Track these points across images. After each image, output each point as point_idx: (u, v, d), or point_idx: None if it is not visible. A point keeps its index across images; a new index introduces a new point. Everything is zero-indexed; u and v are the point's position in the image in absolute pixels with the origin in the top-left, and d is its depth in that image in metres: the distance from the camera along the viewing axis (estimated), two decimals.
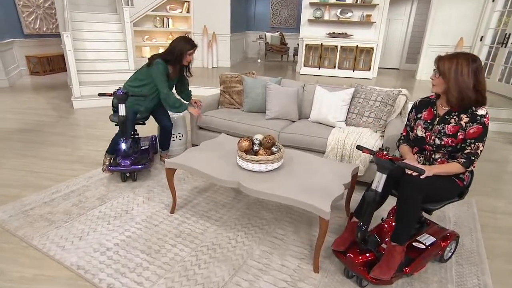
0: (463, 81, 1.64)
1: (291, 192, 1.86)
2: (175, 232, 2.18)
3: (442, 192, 1.76)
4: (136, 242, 2.05)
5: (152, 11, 7.06)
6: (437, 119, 1.81)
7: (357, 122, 2.96)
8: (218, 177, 2.03)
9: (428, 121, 1.85)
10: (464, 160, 1.68)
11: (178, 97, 3.06)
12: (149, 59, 2.85)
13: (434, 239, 1.94)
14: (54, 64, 7.80)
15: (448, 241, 1.94)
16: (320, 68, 7.37)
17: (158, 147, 3.27)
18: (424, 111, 1.88)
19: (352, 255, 1.74)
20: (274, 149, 2.13)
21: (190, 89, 3.22)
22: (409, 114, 1.98)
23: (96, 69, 5.65)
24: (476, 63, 1.64)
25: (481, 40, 6.74)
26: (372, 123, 2.88)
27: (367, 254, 1.76)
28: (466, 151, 1.69)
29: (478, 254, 2.08)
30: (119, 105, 2.61)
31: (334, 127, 2.99)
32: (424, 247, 1.89)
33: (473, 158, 1.67)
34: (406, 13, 8.80)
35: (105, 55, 5.84)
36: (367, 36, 7.18)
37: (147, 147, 3.14)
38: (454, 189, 1.79)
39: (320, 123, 3.13)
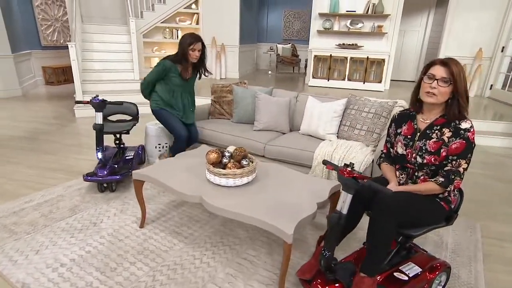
0: (466, 86, 1.48)
1: (254, 211, 1.69)
2: (138, 248, 2.03)
3: (424, 216, 1.53)
4: (94, 259, 1.92)
5: (161, 22, 7.15)
6: (418, 134, 1.59)
7: (349, 135, 2.74)
8: (181, 191, 1.88)
9: (409, 136, 1.63)
10: (442, 180, 1.45)
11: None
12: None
13: (420, 269, 1.69)
14: (68, 74, 8.02)
15: (437, 273, 1.69)
16: (330, 80, 7.17)
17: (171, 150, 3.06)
18: (404, 125, 1.67)
19: (315, 284, 1.53)
20: (244, 162, 1.97)
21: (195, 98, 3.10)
22: (388, 129, 1.77)
23: (102, 79, 5.74)
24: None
25: (502, 50, 6.34)
26: (364, 136, 2.66)
27: (336, 285, 1.54)
28: (446, 168, 1.46)
29: None
30: (96, 113, 2.54)
31: (324, 140, 2.79)
32: (406, 278, 1.65)
33: (453, 177, 1.44)
34: (422, 24, 8.48)
35: (111, 65, 5.93)
36: (378, 47, 6.93)
37: (131, 157, 3.05)
38: (438, 213, 1.55)
39: (311, 135, 2.94)
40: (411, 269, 1.70)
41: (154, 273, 1.83)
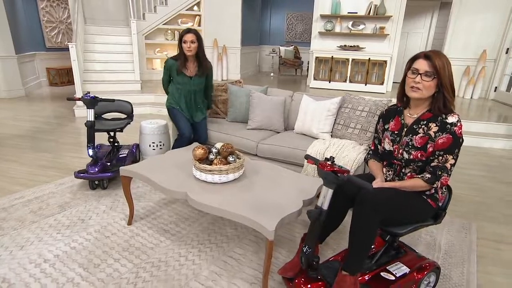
0: (452, 79, 1.43)
1: (238, 207, 1.65)
2: (124, 245, 2.01)
3: (409, 213, 1.48)
4: (78, 255, 1.90)
5: (163, 24, 7.19)
6: (405, 129, 1.55)
7: (342, 134, 2.70)
8: (166, 187, 1.86)
9: (396, 132, 1.59)
10: (429, 176, 1.40)
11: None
12: None
13: (408, 269, 1.64)
14: (72, 75, 8.05)
15: (425, 273, 1.64)
16: (331, 82, 7.12)
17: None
18: (392, 121, 1.63)
19: (297, 283, 1.48)
20: (230, 158, 1.94)
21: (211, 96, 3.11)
22: (376, 125, 1.73)
23: (104, 79, 5.77)
24: None
25: (506, 52, 6.24)
26: (358, 135, 2.62)
27: (319, 283, 1.50)
28: (432, 164, 1.41)
29: None
30: (88, 110, 2.54)
31: (318, 138, 2.75)
32: (393, 278, 1.60)
33: (440, 173, 1.39)
34: (426, 26, 8.40)
35: (113, 66, 5.97)
36: (380, 49, 6.87)
37: (125, 155, 3.04)
38: (424, 210, 1.50)
39: (305, 134, 2.90)
40: (399, 269, 1.65)
41: (138, 270, 1.80)
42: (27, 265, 1.79)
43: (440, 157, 1.40)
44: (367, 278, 1.59)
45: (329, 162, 1.31)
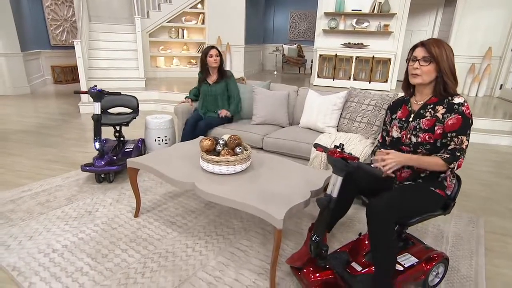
0: (452, 66, 1.45)
1: (246, 197, 1.65)
2: (131, 236, 2.02)
3: (419, 208, 1.47)
4: (86, 245, 1.91)
5: (167, 22, 7.21)
6: (412, 115, 1.55)
7: (348, 128, 2.69)
8: (174, 177, 1.86)
9: (403, 119, 1.59)
10: (448, 156, 1.39)
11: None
12: None
13: (416, 260, 1.64)
14: (76, 73, 8.10)
15: (433, 263, 1.63)
16: (335, 79, 7.11)
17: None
18: (399, 110, 1.64)
19: (306, 272, 1.48)
20: (237, 150, 1.94)
21: (238, 104, 3.17)
22: (384, 118, 1.73)
23: (108, 77, 5.79)
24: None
25: None
26: (364, 128, 2.61)
27: (328, 272, 1.50)
28: (450, 147, 1.41)
29: (474, 283, 1.73)
30: (94, 103, 2.55)
31: (323, 133, 2.75)
32: (402, 268, 1.59)
33: (459, 154, 1.38)
34: (430, 24, 8.36)
35: (117, 63, 5.99)
36: (385, 46, 6.85)
37: (131, 149, 3.05)
38: (433, 201, 1.49)
39: (310, 128, 2.90)
40: (407, 259, 1.64)
41: (145, 260, 1.81)
42: (36, 254, 1.81)
43: (455, 139, 1.39)
44: (373, 269, 1.59)
45: (338, 149, 1.31)
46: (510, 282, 1.77)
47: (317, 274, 1.48)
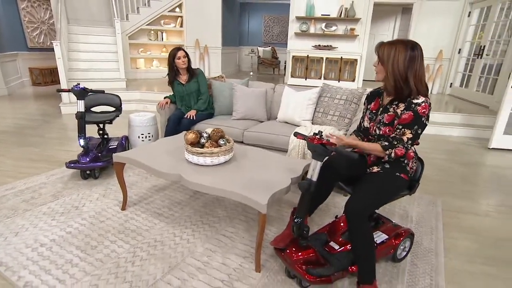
0: (397, 69, 1.44)
1: (231, 186, 1.65)
2: (119, 228, 1.96)
3: (388, 193, 1.53)
4: (74, 238, 1.84)
5: (147, 25, 7.01)
6: (381, 109, 1.61)
7: (322, 121, 2.75)
8: (160, 170, 1.83)
9: (374, 111, 1.65)
10: (386, 144, 1.47)
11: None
12: None
13: (386, 236, 1.71)
14: (56, 75, 7.71)
15: (401, 239, 1.71)
16: (307, 79, 7.21)
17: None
18: (373, 102, 1.69)
19: (289, 252, 1.51)
20: (221, 141, 1.93)
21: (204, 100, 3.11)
22: (364, 106, 1.79)
23: (89, 77, 5.55)
24: (414, 52, 1.43)
25: (459, 52, 6.57)
26: (337, 121, 2.68)
27: (309, 251, 1.53)
28: (391, 135, 1.49)
29: (435, 254, 1.83)
30: (78, 101, 2.44)
31: (299, 126, 2.79)
32: (374, 245, 1.65)
33: (395, 143, 1.45)
34: (390, 29, 8.68)
35: (98, 65, 5.75)
36: (351, 48, 7.04)
37: (115, 146, 2.95)
38: (400, 185, 1.55)
39: (287, 122, 2.93)
40: (379, 236, 1.71)
41: (135, 249, 1.77)
42: (23, 249, 1.71)
43: (399, 130, 1.46)
44: (349, 247, 1.63)
45: (317, 136, 1.33)
46: (464, 251, 1.89)
47: (299, 253, 1.50)
